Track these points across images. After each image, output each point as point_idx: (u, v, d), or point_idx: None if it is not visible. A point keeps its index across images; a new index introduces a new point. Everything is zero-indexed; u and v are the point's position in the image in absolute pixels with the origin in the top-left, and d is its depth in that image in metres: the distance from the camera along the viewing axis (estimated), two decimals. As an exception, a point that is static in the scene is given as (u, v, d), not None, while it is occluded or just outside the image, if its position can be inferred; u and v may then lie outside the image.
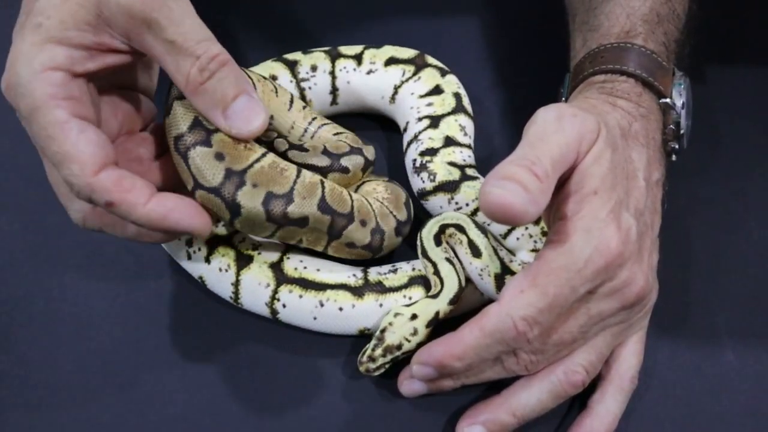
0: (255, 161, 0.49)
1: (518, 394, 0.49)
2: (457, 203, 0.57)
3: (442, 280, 0.52)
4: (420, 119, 0.61)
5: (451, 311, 0.52)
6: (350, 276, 0.54)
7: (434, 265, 0.53)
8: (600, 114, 0.50)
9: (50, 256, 0.60)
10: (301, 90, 0.63)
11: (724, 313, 0.57)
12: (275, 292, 0.54)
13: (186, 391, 0.54)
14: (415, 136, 0.60)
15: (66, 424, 0.52)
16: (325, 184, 0.51)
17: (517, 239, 0.56)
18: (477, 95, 0.65)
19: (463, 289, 0.53)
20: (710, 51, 0.68)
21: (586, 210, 0.46)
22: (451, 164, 0.58)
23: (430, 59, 0.64)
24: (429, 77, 0.63)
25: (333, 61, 0.64)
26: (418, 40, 0.68)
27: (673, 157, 0.56)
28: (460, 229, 0.54)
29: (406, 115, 0.62)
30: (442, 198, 0.57)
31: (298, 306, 0.53)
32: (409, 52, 0.64)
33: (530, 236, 0.55)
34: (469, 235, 0.53)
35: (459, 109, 0.61)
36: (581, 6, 0.60)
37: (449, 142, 0.59)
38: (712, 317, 0.56)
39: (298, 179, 0.50)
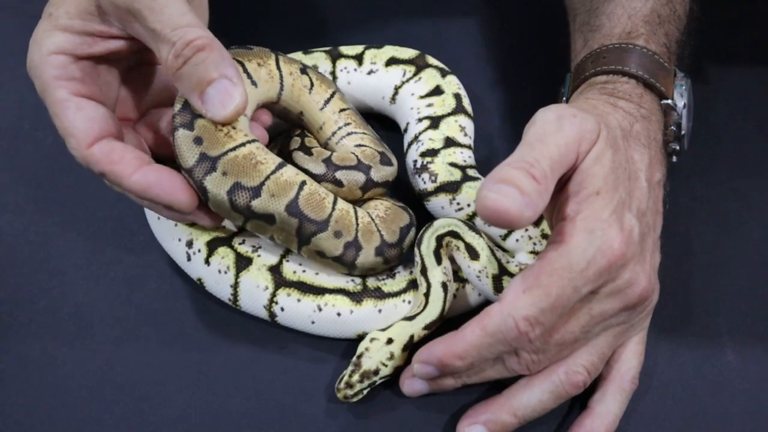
0: (230, 149, 0.49)
1: (519, 394, 0.49)
2: (458, 204, 0.57)
3: (427, 304, 0.52)
4: (420, 120, 0.61)
5: (425, 335, 0.52)
6: (349, 281, 0.54)
7: (428, 286, 0.52)
8: (601, 115, 0.50)
9: (50, 256, 0.59)
10: (302, 90, 0.63)
11: (724, 313, 0.57)
12: (273, 295, 0.53)
13: (186, 392, 0.54)
14: (416, 137, 0.60)
15: (66, 424, 0.52)
16: (305, 188, 0.51)
17: (517, 241, 0.56)
18: (477, 95, 0.65)
19: (443, 320, 0.53)
20: (710, 51, 0.68)
21: (589, 210, 0.45)
22: (452, 165, 0.58)
23: (431, 59, 0.64)
24: (429, 78, 0.63)
25: (333, 61, 0.64)
26: (419, 40, 0.68)
27: (673, 158, 0.56)
28: (455, 235, 0.53)
29: (407, 115, 0.62)
30: (443, 198, 0.57)
31: (296, 310, 0.53)
32: (409, 53, 0.64)
33: (529, 238, 0.55)
34: (465, 239, 0.53)
35: (459, 109, 0.61)
36: (582, 7, 0.60)
37: (449, 142, 0.59)
38: (712, 317, 0.57)
39: (273, 175, 0.50)
